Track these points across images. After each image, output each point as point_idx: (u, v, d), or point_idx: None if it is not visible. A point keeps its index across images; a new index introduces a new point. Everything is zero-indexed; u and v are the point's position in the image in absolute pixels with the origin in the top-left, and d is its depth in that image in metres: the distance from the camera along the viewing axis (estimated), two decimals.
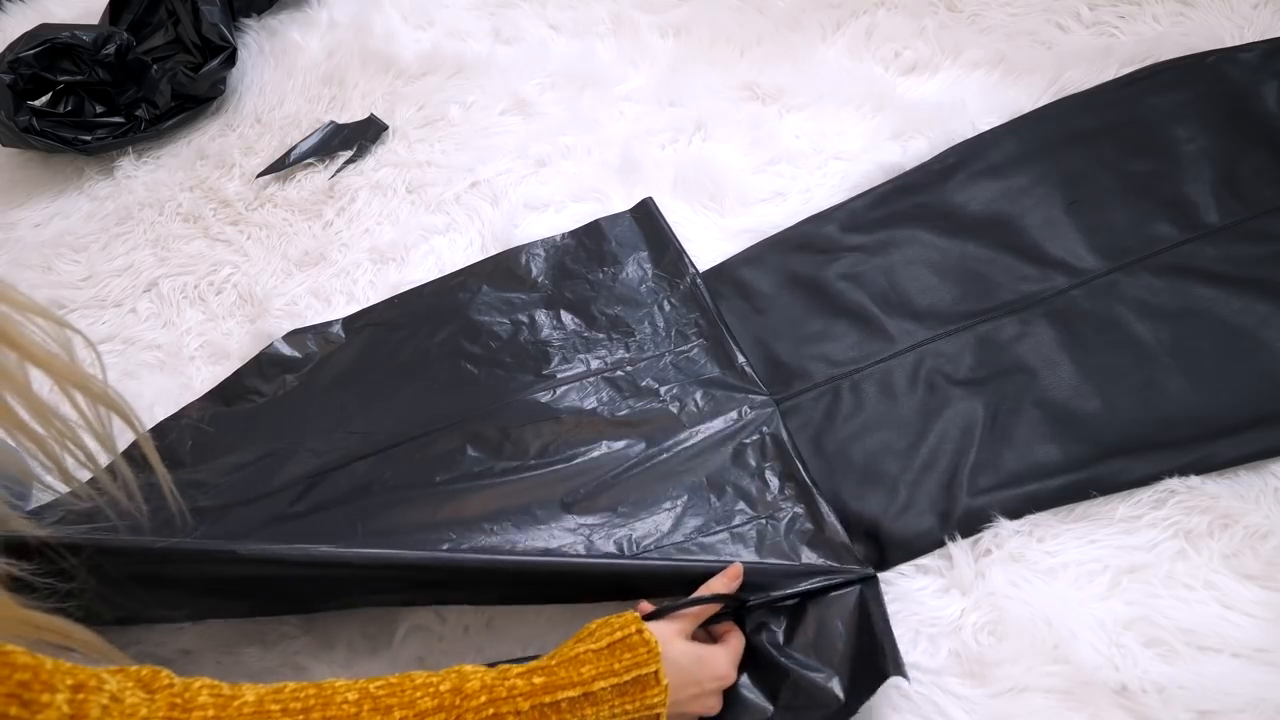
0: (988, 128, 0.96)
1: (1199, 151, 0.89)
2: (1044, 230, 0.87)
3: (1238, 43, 0.95)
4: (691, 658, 0.63)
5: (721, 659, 0.64)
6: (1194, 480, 0.71)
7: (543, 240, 0.98)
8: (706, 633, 0.68)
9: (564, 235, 0.98)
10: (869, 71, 1.06)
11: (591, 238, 0.97)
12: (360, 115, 1.19)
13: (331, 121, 1.19)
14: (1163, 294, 0.81)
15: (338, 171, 1.14)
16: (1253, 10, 0.98)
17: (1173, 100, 0.92)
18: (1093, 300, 0.82)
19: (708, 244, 0.96)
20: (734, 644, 0.66)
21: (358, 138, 1.16)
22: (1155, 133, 0.91)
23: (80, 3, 1.44)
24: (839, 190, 0.96)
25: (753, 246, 0.94)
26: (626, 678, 0.58)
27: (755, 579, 0.69)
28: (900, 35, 1.08)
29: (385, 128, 1.17)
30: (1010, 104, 0.98)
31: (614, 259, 0.94)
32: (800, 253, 0.92)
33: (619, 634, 0.60)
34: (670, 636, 0.63)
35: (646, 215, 0.97)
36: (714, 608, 0.67)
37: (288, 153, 1.17)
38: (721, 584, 0.67)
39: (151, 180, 1.20)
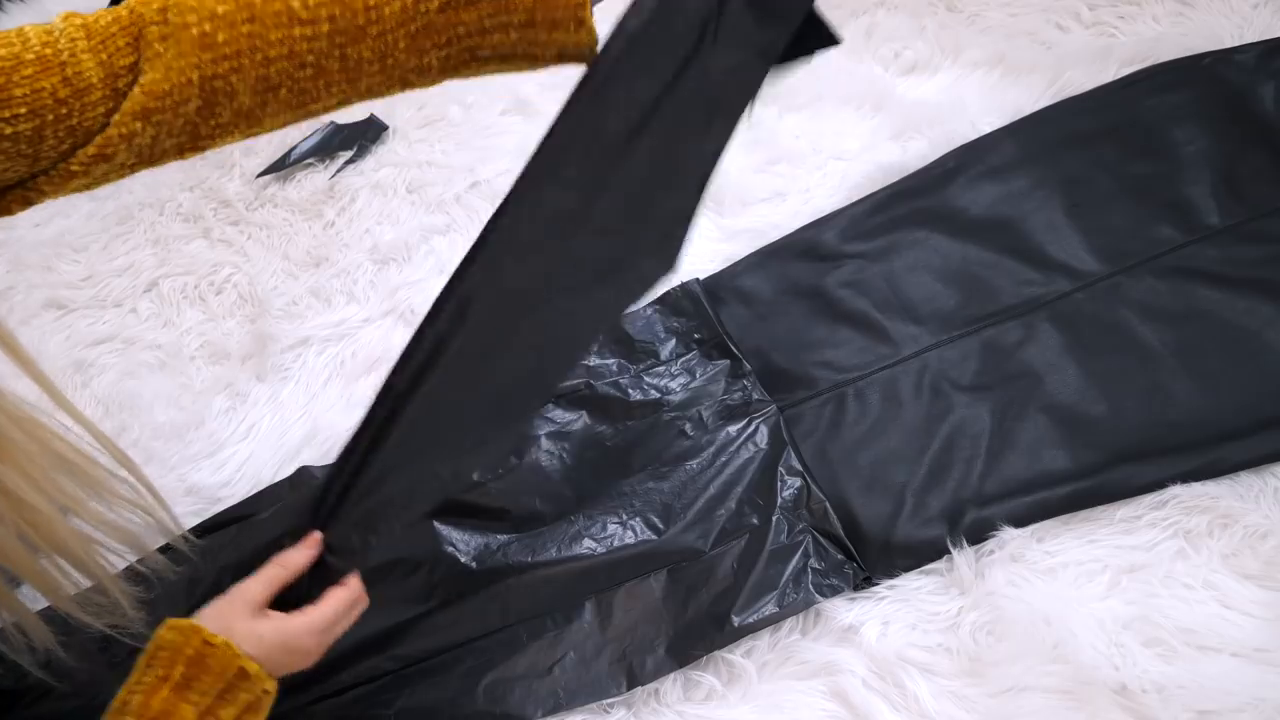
0: (988, 128, 0.96)
1: (1198, 153, 0.89)
2: (1046, 233, 0.87)
3: (1237, 43, 0.95)
4: (269, 645, 0.57)
5: (295, 630, 0.58)
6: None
7: None
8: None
9: None
10: (869, 71, 1.06)
11: None
12: (360, 115, 1.19)
13: (331, 121, 1.19)
14: (1165, 296, 0.81)
15: (338, 171, 1.14)
16: (1252, 10, 0.98)
17: (1171, 102, 0.92)
18: (1096, 303, 0.82)
19: (707, 244, 0.96)
20: (326, 608, 0.60)
21: (358, 138, 1.16)
22: (1154, 135, 0.91)
23: (80, 3, 1.44)
24: (838, 190, 0.96)
25: (753, 254, 0.93)
26: (177, 672, 0.54)
27: None
28: (900, 35, 1.08)
29: (385, 128, 1.17)
30: (1010, 104, 0.98)
31: None
32: (801, 260, 0.92)
33: (151, 647, 0.55)
34: (227, 612, 0.57)
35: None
36: (285, 575, 0.60)
37: (288, 153, 1.17)
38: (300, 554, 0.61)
39: (151, 180, 1.20)
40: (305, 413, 0.94)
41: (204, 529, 0.85)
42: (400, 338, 0.97)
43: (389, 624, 0.74)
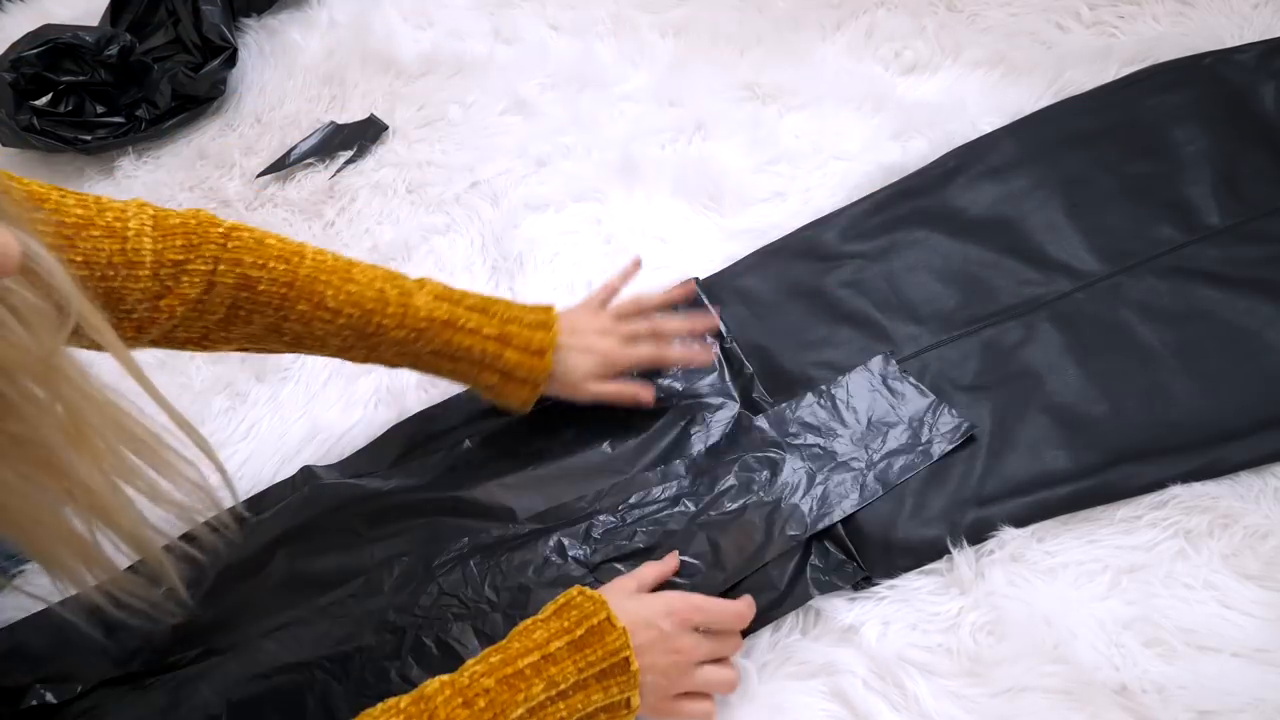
0: (988, 128, 0.96)
1: (1199, 153, 0.89)
2: (1046, 233, 0.87)
3: (1238, 43, 0.95)
4: (636, 600, 0.64)
5: (672, 597, 0.65)
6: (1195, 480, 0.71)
7: None
8: None
9: None
10: (869, 71, 1.06)
11: None
12: (360, 115, 1.19)
13: (331, 121, 1.19)
14: (1166, 296, 0.81)
15: (338, 171, 1.14)
16: (1252, 10, 0.98)
17: (1171, 101, 0.92)
18: (1096, 303, 0.82)
19: (707, 244, 0.96)
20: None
21: (358, 138, 1.16)
22: (1155, 134, 0.91)
23: (81, 3, 1.44)
24: (839, 190, 0.96)
25: (752, 254, 0.93)
26: (579, 631, 0.59)
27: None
28: (900, 35, 1.08)
29: (385, 128, 1.17)
30: (1010, 104, 0.98)
31: None
32: (801, 260, 0.91)
33: (562, 600, 0.62)
34: (614, 590, 0.65)
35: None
36: (667, 569, 0.69)
37: (288, 153, 1.17)
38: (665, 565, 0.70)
39: (151, 180, 1.20)
40: (305, 413, 0.94)
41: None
42: None
43: None
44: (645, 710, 0.63)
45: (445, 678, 0.58)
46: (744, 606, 0.67)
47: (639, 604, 0.63)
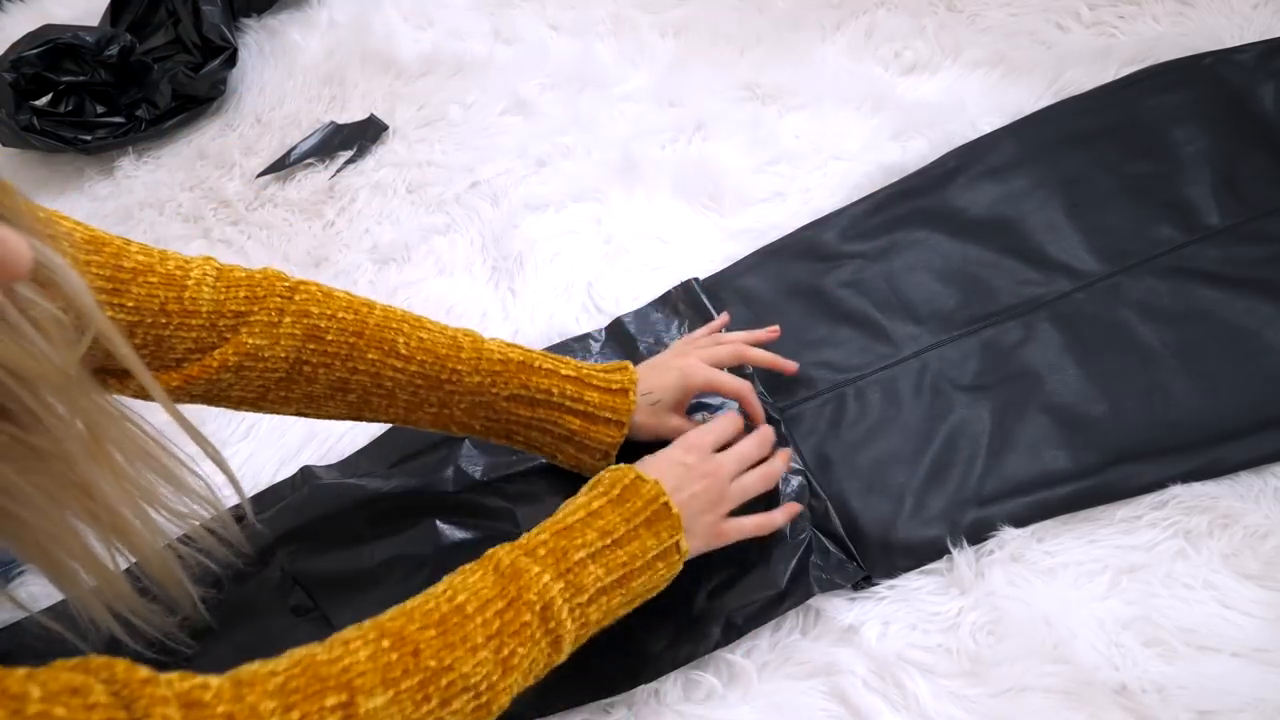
0: (988, 128, 0.96)
1: (1198, 153, 0.89)
2: (1046, 233, 0.87)
3: (1237, 43, 0.95)
4: (654, 455, 0.67)
5: (694, 434, 0.69)
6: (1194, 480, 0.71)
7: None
8: None
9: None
10: (869, 71, 1.06)
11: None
12: (360, 115, 1.19)
13: (331, 121, 1.19)
14: (1166, 296, 0.81)
15: (338, 171, 1.14)
16: (1252, 10, 0.98)
17: (1171, 102, 0.92)
18: (1096, 303, 0.82)
19: (707, 244, 0.96)
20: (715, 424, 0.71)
21: (358, 138, 1.16)
22: (1155, 134, 0.91)
23: (81, 3, 1.44)
24: (839, 190, 0.96)
25: (753, 254, 0.93)
26: (615, 491, 0.62)
27: None
28: (900, 35, 1.08)
29: (385, 128, 1.17)
30: (1010, 104, 0.98)
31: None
32: (801, 260, 0.91)
33: (592, 479, 0.64)
34: (644, 459, 0.67)
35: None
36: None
37: (288, 153, 1.17)
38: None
39: (151, 180, 1.20)
40: None
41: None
42: None
43: None
44: (701, 544, 0.65)
45: (506, 545, 0.59)
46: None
47: (657, 457, 0.66)
